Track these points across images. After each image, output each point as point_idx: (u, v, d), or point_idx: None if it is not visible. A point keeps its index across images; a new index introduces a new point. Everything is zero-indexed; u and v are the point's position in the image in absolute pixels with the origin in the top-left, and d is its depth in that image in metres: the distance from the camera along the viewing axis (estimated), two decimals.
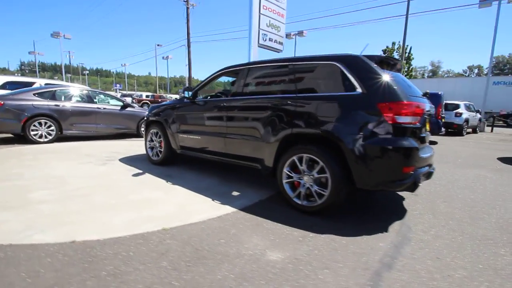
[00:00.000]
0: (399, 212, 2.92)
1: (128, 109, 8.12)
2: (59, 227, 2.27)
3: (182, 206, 2.85)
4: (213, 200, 3.08)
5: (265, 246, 2.13)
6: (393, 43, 33.67)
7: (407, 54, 32.15)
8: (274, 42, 22.85)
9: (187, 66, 28.61)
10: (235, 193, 3.36)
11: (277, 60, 3.22)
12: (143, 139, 5.10)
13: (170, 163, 4.52)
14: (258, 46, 21.37)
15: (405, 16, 16.86)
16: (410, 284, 1.71)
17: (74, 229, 2.24)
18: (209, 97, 4.39)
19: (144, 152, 5.59)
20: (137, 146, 6.44)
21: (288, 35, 22.12)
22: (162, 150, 4.46)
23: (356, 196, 3.36)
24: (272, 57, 3.44)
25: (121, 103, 8.07)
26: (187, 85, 29.11)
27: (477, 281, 1.77)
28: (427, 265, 1.92)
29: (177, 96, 20.73)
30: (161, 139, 4.45)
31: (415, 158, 2.38)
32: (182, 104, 4.15)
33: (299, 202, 2.81)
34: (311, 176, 2.71)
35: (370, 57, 2.65)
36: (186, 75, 28.50)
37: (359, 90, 2.52)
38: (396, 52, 33.54)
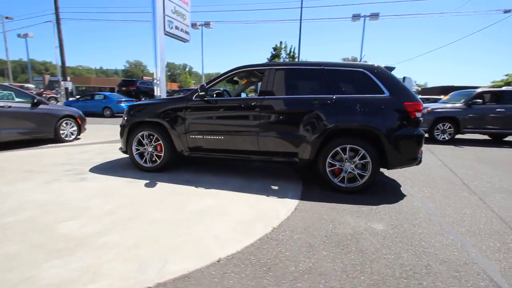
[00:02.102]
0: (397, 187, 3.99)
1: (42, 106, 6.25)
2: (161, 257, 1.97)
3: (253, 206, 2.88)
4: (268, 196, 3.22)
5: (362, 221, 2.61)
6: (281, 43, 38.36)
7: (293, 53, 37.27)
8: (181, 31, 21.89)
9: (58, 48, 22.83)
10: (274, 187, 3.57)
11: (309, 63, 3.60)
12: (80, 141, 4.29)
13: (166, 168, 4.08)
14: (165, 34, 19.98)
15: (299, 21, 19.69)
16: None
17: (185, 254, 2.01)
18: (214, 95, 4.21)
19: (116, 158, 4.75)
20: (92, 153, 5.23)
21: (194, 25, 21.43)
22: (162, 154, 3.97)
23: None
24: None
25: (30, 99, 6.09)
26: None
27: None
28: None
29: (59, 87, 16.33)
30: (160, 142, 3.95)
31: (423, 141, 3.39)
32: (193, 103, 3.82)
33: (342, 185, 3.39)
34: (353, 162, 3.34)
35: (387, 67, 3.47)
36: (55, 60, 22.58)
37: (386, 93, 3.29)
38: (284, 50, 38.41)
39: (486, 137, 9.41)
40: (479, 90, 8.50)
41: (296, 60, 37.27)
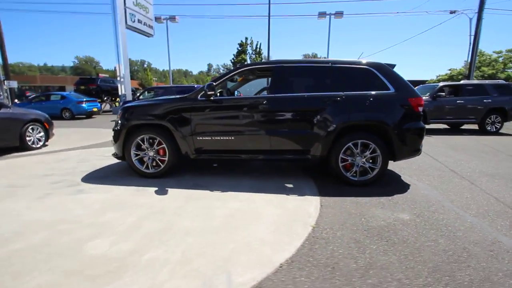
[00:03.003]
0: (398, 177, 4.26)
1: (2, 110, 5.45)
2: (221, 269, 1.86)
3: (280, 206, 2.85)
4: (288, 195, 3.21)
5: (388, 212, 2.74)
6: (246, 38, 38.31)
7: (259, 49, 37.44)
8: (144, 24, 20.73)
9: None
10: (288, 185, 3.57)
11: (316, 60, 3.63)
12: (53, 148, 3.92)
13: (169, 173, 3.84)
14: (126, 28, 18.78)
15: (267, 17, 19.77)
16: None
17: (243, 263, 1.93)
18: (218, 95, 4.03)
19: (105, 165, 4.37)
20: (73, 161, 4.69)
21: (158, 19, 20.29)
22: (165, 158, 3.72)
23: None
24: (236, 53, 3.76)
25: None
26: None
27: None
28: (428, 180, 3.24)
29: None
30: (163, 145, 3.69)
31: (424, 133, 3.65)
32: (199, 103, 3.63)
33: (355, 178, 3.52)
34: (364, 156, 3.48)
35: (388, 65, 3.65)
36: None
37: (392, 89, 3.47)
38: (249, 46, 38.44)
39: (445, 126, 10.48)
40: (441, 84, 9.41)
41: (263, 56, 37.60)
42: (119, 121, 3.82)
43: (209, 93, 3.50)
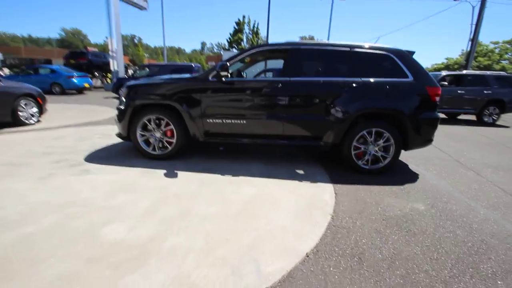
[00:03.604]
0: (406, 167, 4.27)
1: None
2: (248, 258, 1.82)
3: (295, 193, 2.80)
4: (300, 181, 3.17)
5: (402, 202, 2.74)
6: (243, 17, 36.97)
7: (257, 28, 36.31)
8: None
9: None
10: (299, 171, 3.53)
11: (335, 44, 3.47)
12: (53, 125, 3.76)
13: (176, 155, 3.71)
14: (120, 0, 17.62)
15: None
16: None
17: (269, 252, 1.90)
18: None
19: (107, 144, 4.23)
20: (70, 139, 4.50)
21: None
22: (173, 140, 3.58)
23: None
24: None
25: None
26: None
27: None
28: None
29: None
30: (171, 126, 3.55)
31: (438, 124, 3.60)
32: (210, 84, 3.45)
33: (366, 167, 3.50)
34: (377, 145, 3.44)
35: (409, 52, 3.53)
36: None
37: (410, 77, 3.38)
38: (247, 25, 37.20)
39: (443, 116, 10.56)
40: (443, 73, 9.37)
41: (261, 37, 36.51)
42: (124, 100, 3.62)
43: (222, 73, 3.32)
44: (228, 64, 3.35)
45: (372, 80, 3.37)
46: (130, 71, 15.51)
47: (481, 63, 30.98)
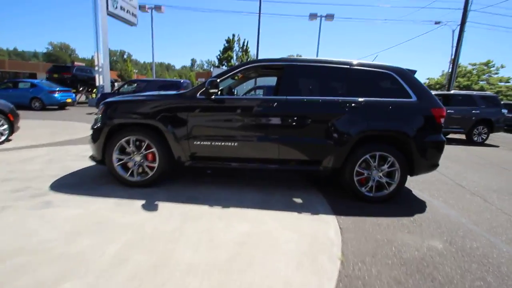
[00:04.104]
0: (410, 193, 3.99)
1: None
2: None
3: (295, 230, 2.42)
4: (299, 213, 2.80)
5: (417, 239, 2.40)
6: (233, 35, 37.63)
7: (246, 47, 36.94)
8: (127, 12, 19.55)
9: None
10: (297, 200, 3.16)
11: (334, 61, 3.23)
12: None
13: (158, 182, 3.27)
14: (108, 15, 17.58)
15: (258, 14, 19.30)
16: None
17: None
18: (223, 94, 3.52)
19: (80, 167, 3.76)
20: (40, 161, 3.98)
21: (142, 7, 19.12)
22: (155, 164, 3.16)
23: None
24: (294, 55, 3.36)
25: None
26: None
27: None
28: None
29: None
30: (152, 149, 3.14)
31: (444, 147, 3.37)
32: (198, 102, 3.11)
33: (370, 194, 3.17)
34: (381, 170, 3.14)
35: (410, 71, 3.33)
36: None
37: (414, 97, 3.16)
38: (237, 43, 37.81)
39: None
40: (433, 93, 9.44)
41: (251, 55, 37.07)
42: (100, 118, 3.21)
43: (211, 91, 2.99)
44: (218, 80, 3.03)
45: (374, 99, 3.13)
46: (117, 86, 15.04)
47: (461, 83, 32.38)
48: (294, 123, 3.12)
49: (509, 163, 6.23)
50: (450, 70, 20.56)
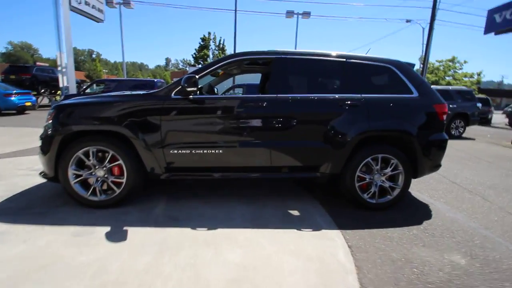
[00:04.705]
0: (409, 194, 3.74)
1: None
2: None
3: (299, 254, 2.01)
4: (299, 229, 2.40)
5: (436, 254, 2.10)
6: (209, 33, 36.73)
7: (223, 45, 36.24)
8: (92, 7, 18.22)
9: None
10: (293, 212, 2.77)
11: (328, 54, 2.85)
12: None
13: (128, 199, 2.73)
14: (71, 10, 16.20)
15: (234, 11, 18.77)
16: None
17: None
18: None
19: (30, 185, 3.14)
20: None
21: (109, 3, 17.81)
22: (123, 179, 2.61)
23: None
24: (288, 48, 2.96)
25: None
26: None
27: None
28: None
29: None
30: (119, 161, 2.59)
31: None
32: (173, 102, 2.60)
33: (373, 201, 2.85)
34: (384, 174, 2.83)
35: (409, 64, 3.05)
36: None
37: (415, 93, 2.88)
38: (212, 41, 36.95)
39: None
40: None
41: (227, 52, 36.31)
42: (51, 125, 2.60)
43: (188, 89, 2.50)
44: (196, 77, 2.55)
45: (375, 96, 2.80)
46: (83, 87, 13.86)
47: (429, 79, 33.97)
48: (287, 125, 2.71)
49: (490, 156, 6.30)
50: (421, 67, 21.31)
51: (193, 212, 2.65)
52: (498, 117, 17.67)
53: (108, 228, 2.26)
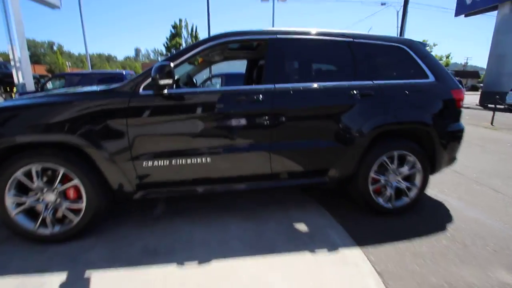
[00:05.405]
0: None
1: None
2: None
3: (318, 285, 1.57)
4: (312, 251, 1.95)
5: (479, 272, 1.75)
6: (180, 20, 34.88)
7: (196, 32, 34.65)
8: None
9: None
10: (299, 226, 2.31)
11: (331, 32, 2.34)
12: None
13: (89, 230, 2.13)
14: None
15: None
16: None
17: None
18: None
19: None
20: None
21: None
22: (82, 204, 2.00)
23: None
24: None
25: None
26: None
27: None
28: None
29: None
30: (75, 181, 1.97)
31: None
32: (143, 100, 2.00)
33: (388, 205, 2.47)
34: (399, 174, 2.45)
35: (421, 43, 2.63)
36: None
37: (431, 77, 2.48)
38: (184, 28, 35.18)
39: None
40: None
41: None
42: None
43: (161, 82, 1.91)
44: (171, 65, 1.95)
45: (389, 83, 2.37)
46: (43, 82, 12.38)
47: None
48: (288, 122, 2.21)
49: (478, 139, 6.24)
50: None
51: (177, 238, 2.11)
52: (468, 98, 18.37)
53: (63, 274, 1.68)
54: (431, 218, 2.50)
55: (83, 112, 1.93)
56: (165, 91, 2.02)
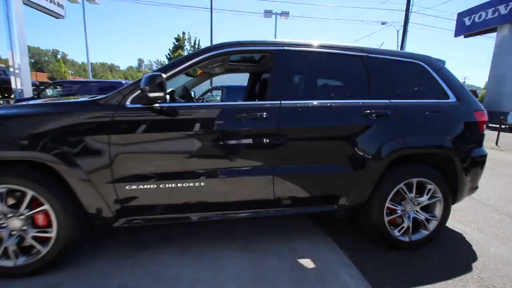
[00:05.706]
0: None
1: None
2: None
3: None
4: None
5: None
6: (184, 33, 35.42)
7: (198, 46, 35.16)
8: (51, 2, 16.39)
9: None
10: (305, 262, 2.00)
11: (343, 46, 2.13)
12: None
13: (60, 262, 1.82)
14: (24, 4, 14.39)
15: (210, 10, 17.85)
16: None
17: None
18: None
19: None
20: None
21: None
22: (52, 234, 1.71)
23: None
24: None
25: None
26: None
27: None
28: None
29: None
30: (45, 206, 1.68)
31: None
32: (129, 113, 1.75)
33: (405, 239, 2.19)
34: (418, 204, 2.18)
35: (440, 61, 2.43)
36: None
37: (453, 97, 2.26)
38: (187, 42, 35.68)
39: None
40: None
41: None
42: None
43: (151, 95, 1.66)
44: (163, 76, 1.71)
45: (406, 102, 2.14)
46: (40, 90, 12.21)
47: None
48: (295, 143, 1.96)
49: (487, 161, 6.00)
50: None
51: (162, 274, 1.80)
52: None
53: None
54: (452, 254, 2.21)
55: (58, 125, 1.67)
56: (156, 104, 1.78)
